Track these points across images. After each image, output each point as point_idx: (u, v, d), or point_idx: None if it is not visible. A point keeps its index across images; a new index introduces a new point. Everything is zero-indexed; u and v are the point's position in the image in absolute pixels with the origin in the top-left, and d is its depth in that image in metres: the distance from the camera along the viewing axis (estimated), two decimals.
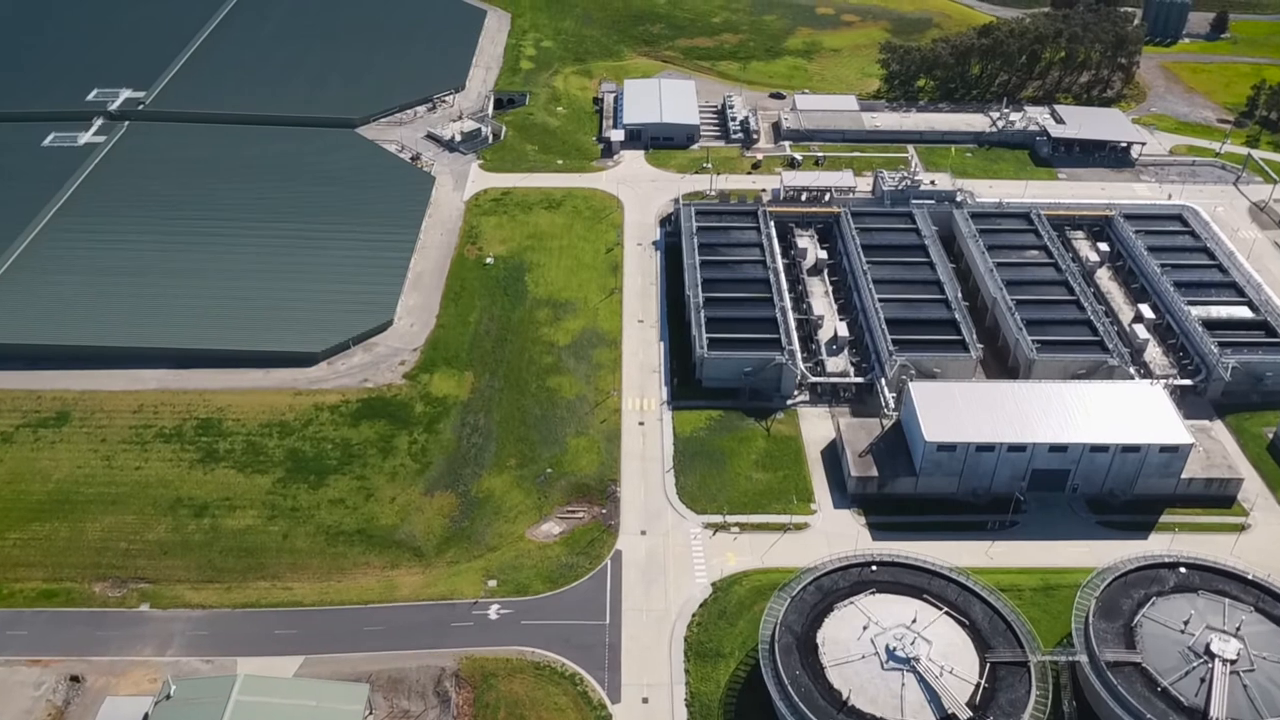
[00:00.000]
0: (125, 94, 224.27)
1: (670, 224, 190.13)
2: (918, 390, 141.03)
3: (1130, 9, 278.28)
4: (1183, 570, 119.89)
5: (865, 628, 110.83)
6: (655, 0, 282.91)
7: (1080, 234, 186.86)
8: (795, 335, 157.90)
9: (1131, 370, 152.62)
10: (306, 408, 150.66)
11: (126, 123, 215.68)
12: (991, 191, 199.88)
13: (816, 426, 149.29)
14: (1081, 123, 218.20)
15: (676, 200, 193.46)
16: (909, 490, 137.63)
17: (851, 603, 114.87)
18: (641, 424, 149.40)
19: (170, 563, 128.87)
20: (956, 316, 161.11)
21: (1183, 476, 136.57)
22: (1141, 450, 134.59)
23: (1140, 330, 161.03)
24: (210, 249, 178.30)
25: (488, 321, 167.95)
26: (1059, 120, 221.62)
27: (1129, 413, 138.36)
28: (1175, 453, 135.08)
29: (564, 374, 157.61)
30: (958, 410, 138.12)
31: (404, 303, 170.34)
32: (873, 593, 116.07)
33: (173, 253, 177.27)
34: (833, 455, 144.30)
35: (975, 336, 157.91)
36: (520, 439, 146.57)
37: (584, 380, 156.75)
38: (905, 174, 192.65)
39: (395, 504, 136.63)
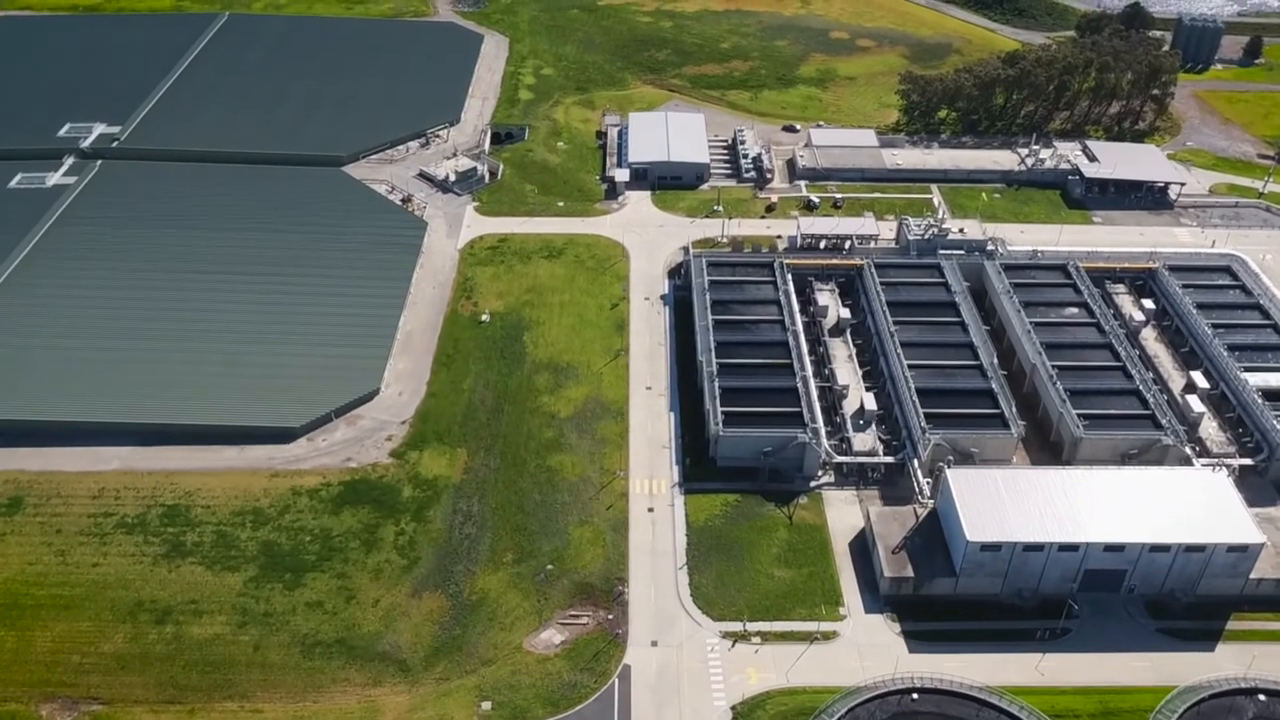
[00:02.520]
0: (99, 129, 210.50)
1: (680, 276, 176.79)
2: (956, 479, 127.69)
3: (1159, 32, 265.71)
4: (1262, 699, 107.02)
5: None
6: (661, 24, 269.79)
7: (1121, 287, 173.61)
8: (818, 409, 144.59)
9: (1187, 450, 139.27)
10: (283, 492, 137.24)
11: (99, 162, 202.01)
12: (1023, 238, 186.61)
13: (843, 513, 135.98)
14: (1116, 161, 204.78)
15: (686, 249, 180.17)
16: (948, 591, 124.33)
17: None
18: (651, 510, 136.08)
19: (128, 679, 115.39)
20: (994, 387, 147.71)
21: (1251, 577, 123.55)
22: (1207, 550, 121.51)
23: (1194, 402, 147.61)
24: (182, 307, 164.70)
25: (482, 389, 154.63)
26: (1091, 158, 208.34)
27: (1191, 506, 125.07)
28: (1244, 552, 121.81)
29: (565, 451, 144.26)
30: (1001, 503, 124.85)
31: (392, 367, 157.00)
32: None
33: (142, 312, 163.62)
34: (862, 547, 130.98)
35: (1015, 410, 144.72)
36: (518, 529, 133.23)
37: (587, 458, 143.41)
38: (931, 221, 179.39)
39: (379, 608, 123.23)
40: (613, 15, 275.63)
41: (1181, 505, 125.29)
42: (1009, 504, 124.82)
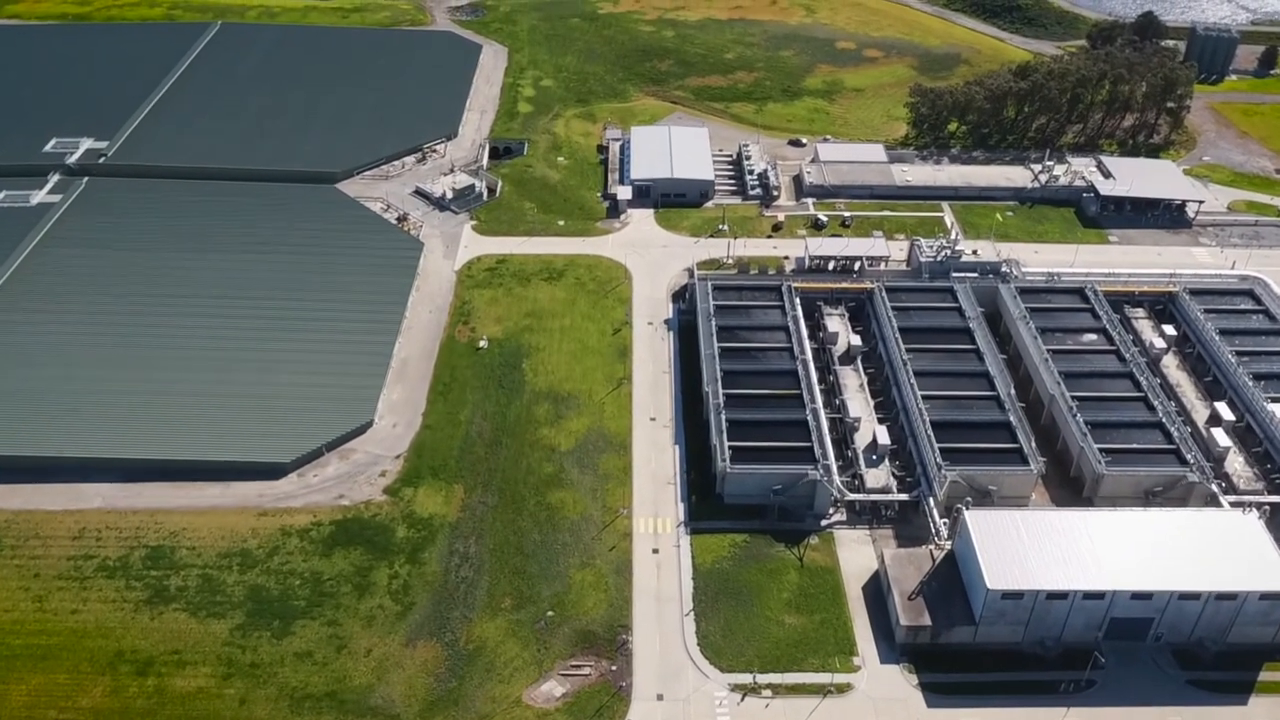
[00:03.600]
0: (86, 144, 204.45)
1: (684, 300, 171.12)
2: (975, 521, 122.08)
3: (1172, 41, 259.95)
4: None
5: None
6: (663, 34, 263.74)
7: (1140, 312, 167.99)
8: (829, 444, 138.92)
9: (1213, 487, 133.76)
10: (272, 532, 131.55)
11: (85, 179, 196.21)
12: (1038, 258, 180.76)
13: (856, 554, 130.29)
14: (1132, 178, 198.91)
15: (690, 270, 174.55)
16: (967, 640, 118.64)
17: None
18: (656, 551, 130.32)
19: None
20: (1012, 420, 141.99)
21: None
22: (1239, 598, 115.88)
23: (1219, 435, 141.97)
24: (168, 333, 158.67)
25: (480, 420, 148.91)
26: (1106, 174, 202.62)
27: (1222, 550, 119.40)
28: (1278, 600, 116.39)
29: (566, 487, 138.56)
30: (1023, 547, 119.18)
31: (386, 398, 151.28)
32: None
33: (126, 339, 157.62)
34: (876, 591, 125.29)
35: (1034, 444, 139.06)
36: (516, 571, 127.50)
37: (589, 495, 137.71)
38: (944, 242, 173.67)
39: (371, 658, 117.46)
40: (614, 24, 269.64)
41: (1212, 549, 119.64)
42: (1030, 548, 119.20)
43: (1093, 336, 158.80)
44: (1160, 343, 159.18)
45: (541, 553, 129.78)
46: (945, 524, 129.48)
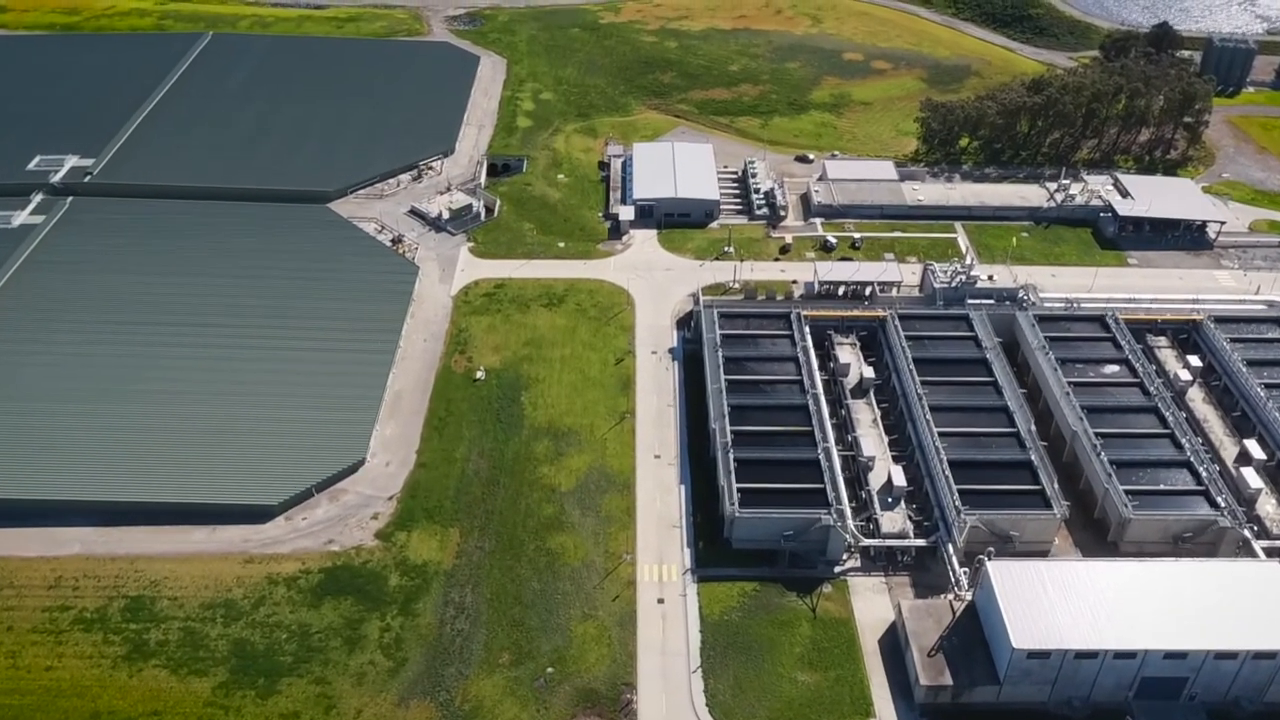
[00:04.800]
0: (71, 162, 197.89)
1: (689, 328, 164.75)
2: (998, 573, 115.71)
3: (1188, 52, 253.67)
4: None
5: None
6: (665, 45, 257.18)
7: (1164, 340, 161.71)
8: (842, 485, 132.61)
9: (1246, 533, 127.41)
10: (258, 580, 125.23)
11: (69, 199, 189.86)
12: (1055, 282, 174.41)
13: (872, 604, 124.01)
14: (1151, 197, 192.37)
15: (695, 295, 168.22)
16: (990, 700, 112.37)
17: None
18: (661, 601, 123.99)
19: None
20: (1033, 459, 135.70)
21: None
22: (1278, 657, 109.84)
23: (1250, 476, 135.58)
24: (152, 365, 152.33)
25: (477, 458, 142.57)
26: (1124, 193, 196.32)
27: (1259, 605, 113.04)
28: None
29: (567, 531, 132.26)
30: (1049, 602, 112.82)
31: (379, 434, 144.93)
32: None
33: (107, 372, 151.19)
34: (893, 645, 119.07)
35: (1057, 485, 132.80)
36: (515, 624, 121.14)
37: (591, 539, 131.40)
38: (959, 267, 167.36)
39: (362, 719, 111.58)
40: (615, 34, 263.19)
41: (1248, 604, 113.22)
42: (1057, 603, 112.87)
43: (1115, 368, 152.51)
44: (1185, 375, 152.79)
45: (541, 603, 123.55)
46: (965, 573, 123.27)
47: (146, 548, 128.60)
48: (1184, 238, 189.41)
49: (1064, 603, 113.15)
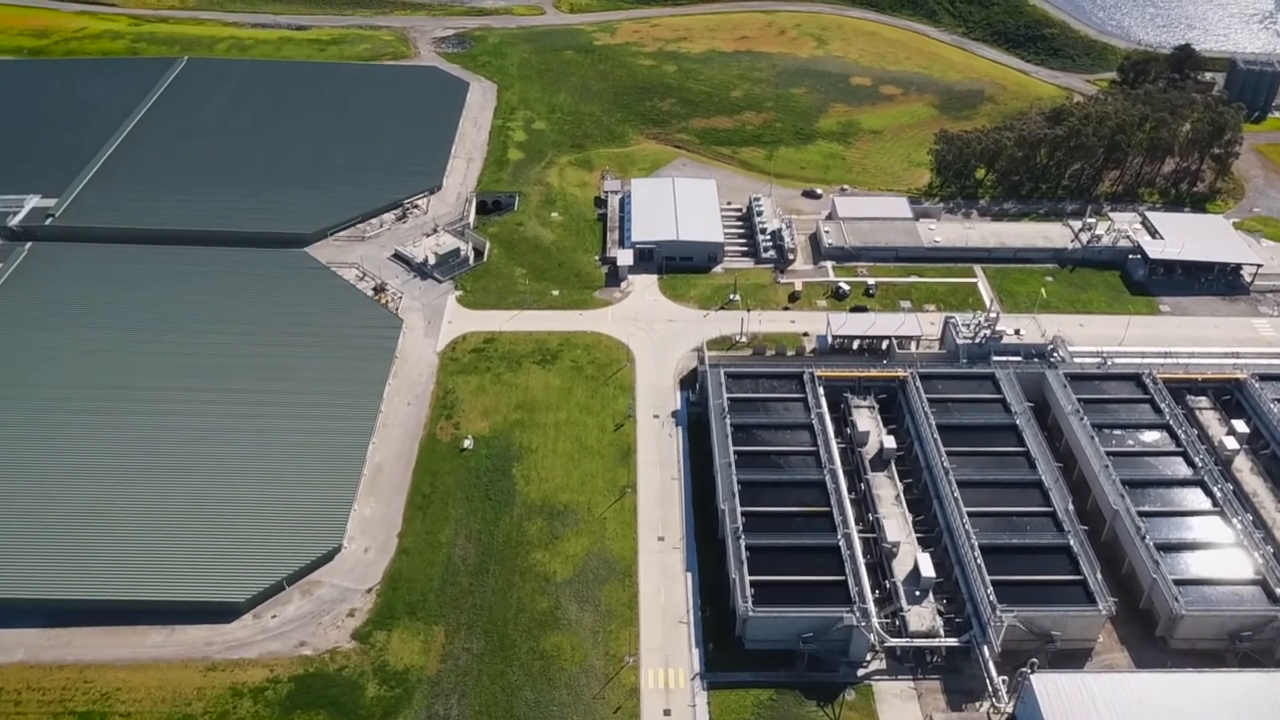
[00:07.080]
0: (32, 202, 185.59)
1: (694, 389, 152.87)
2: (1044, 691, 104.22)
3: (1210, 74, 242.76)
4: None
5: None
6: (664, 69, 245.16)
7: (1204, 401, 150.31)
8: (865, 579, 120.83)
9: None
10: (221, 692, 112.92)
11: (28, 244, 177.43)
12: (1083, 333, 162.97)
13: (899, 714, 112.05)
14: (1182, 237, 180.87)
15: (699, 350, 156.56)
16: None
17: None
18: (668, 714, 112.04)
19: None
20: (1073, 544, 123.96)
21: None
22: None
23: None
24: (108, 438, 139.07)
25: (464, 542, 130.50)
26: (1153, 232, 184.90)
27: None
28: None
29: (563, 629, 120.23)
30: None
31: (357, 515, 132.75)
32: None
33: (56, 447, 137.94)
34: None
35: (1100, 576, 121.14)
36: None
37: (590, 638, 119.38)
38: (982, 320, 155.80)
39: None
40: (611, 58, 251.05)
41: None
42: None
43: (1155, 435, 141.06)
44: (1232, 442, 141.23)
45: (535, 716, 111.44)
46: (1004, 681, 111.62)
47: (98, 653, 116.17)
48: (1218, 281, 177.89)
49: None
